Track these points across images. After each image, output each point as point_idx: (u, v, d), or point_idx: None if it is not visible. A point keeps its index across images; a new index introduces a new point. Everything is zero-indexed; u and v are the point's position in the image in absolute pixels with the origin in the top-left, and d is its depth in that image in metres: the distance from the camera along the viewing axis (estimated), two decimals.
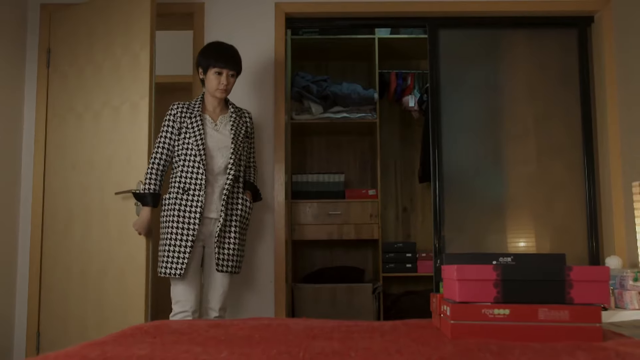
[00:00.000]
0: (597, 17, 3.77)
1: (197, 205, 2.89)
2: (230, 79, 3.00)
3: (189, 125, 2.96)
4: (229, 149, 2.98)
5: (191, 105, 3.02)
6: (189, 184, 2.91)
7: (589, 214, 3.74)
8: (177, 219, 2.88)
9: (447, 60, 3.84)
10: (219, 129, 3.02)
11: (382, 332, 1.67)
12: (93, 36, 3.60)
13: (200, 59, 3.02)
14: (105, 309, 3.47)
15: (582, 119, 3.79)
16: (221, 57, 2.97)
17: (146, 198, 2.98)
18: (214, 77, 2.97)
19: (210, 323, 1.90)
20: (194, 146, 2.92)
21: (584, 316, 1.48)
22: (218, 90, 2.98)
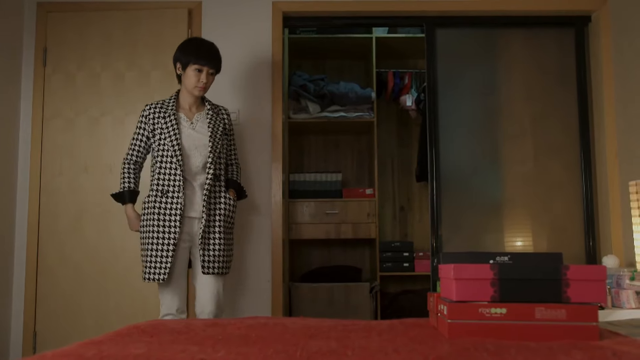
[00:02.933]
0: (594, 17, 3.78)
1: (176, 207, 2.82)
2: (210, 77, 2.95)
3: (162, 126, 2.90)
4: (206, 147, 2.92)
5: (165, 104, 2.96)
6: (167, 186, 2.85)
7: (586, 213, 3.74)
8: (157, 222, 2.82)
9: (444, 59, 3.84)
10: (195, 127, 2.95)
11: (379, 331, 1.67)
12: (109, 41, 3.67)
13: (179, 55, 2.95)
14: (110, 308, 3.47)
15: (579, 119, 3.80)
16: (202, 54, 2.90)
17: (124, 196, 2.96)
18: (193, 74, 2.90)
19: (207, 322, 1.89)
20: (169, 147, 2.86)
21: (581, 315, 1.48)
22: (196, 88, 2.92)
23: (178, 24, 3.65)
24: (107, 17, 3.67)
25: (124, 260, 3.52)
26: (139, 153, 2.98)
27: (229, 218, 2.96)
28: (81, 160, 3.59)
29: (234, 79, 3.66)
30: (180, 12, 3.66)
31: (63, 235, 3.54)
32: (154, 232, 2.81)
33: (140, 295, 3.49)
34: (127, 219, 3.00)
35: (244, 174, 3.60)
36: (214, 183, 2.92)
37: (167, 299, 2.86)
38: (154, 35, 3.65)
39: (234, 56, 3.68)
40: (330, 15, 3.79)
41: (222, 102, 3.64)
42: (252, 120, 3.64)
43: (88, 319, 3.48)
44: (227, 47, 3.68)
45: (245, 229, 3.57)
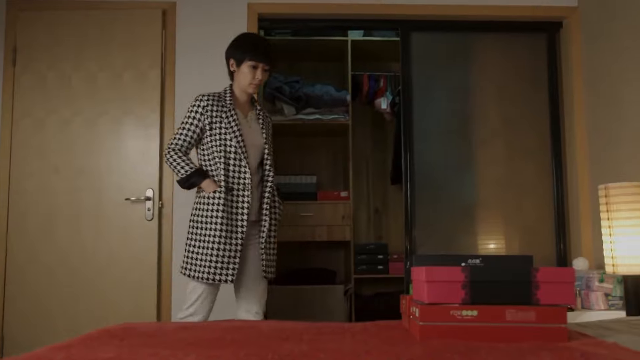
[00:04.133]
0: (565, 23, 3.84)
1: (243, 207, 2.74)
2: (264, 74, 2.84)
3: (224, 120, 2.77)
4: (259, 148, 2.85)
5: (222, 98, 2.84)
6: (232, 183, 2.74)
7: (557, 216, 3.80)
8: (223, 220, 2.69)
9: (419, 63, 3.87)
10: (250, 126, 2.87)
11: (352, 334, 1.68)
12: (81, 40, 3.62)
13: (233, 51, 2.85)
14: (81, 311, 3.42)
15: (551, 123, 3.86)
16: (258, 51, 2.80)
17: (197, 174, 2.74)
18: (248, 70, 2.80)
19: (179, 325, 1.88)
20: (232, 143, 2.75)
21: (550, 317, 1.50)
22: (251, 85, 2.82)
23: (152, 25, 3.62)
24: (80, 17, 3.62)
25: (96, 262, 3.47)
26: (189, 144, 2.81)
27: (279, 222, 2.94)
28: (52, 162, 3.54)
29: (209, 79, 3.64)
30: (154, 13, 3.63)
31: (33, 236, 3.49)
32: (221, 231, 2.69)
33: (112, 298, 3.45)
34: (208, 187, 2.74)
35: None
36: (274, 186, 2.89)
37: (199, 305, 2.75)
38: (127, 36, 3.61)
39: (209, 57, 3.66)
40: (305, 17, 3.80)
41: None
42: None
43: (58, 322, 3.42)
44: (201, 48, 3.66)
45: None
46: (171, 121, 3.60)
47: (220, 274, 2.70)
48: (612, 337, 1.58)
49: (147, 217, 3.51)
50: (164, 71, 3.63)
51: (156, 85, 3.59)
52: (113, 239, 3.50)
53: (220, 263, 2.70)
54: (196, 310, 2.76)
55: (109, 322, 3.16)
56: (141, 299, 3.46)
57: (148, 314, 3.44)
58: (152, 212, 3.51)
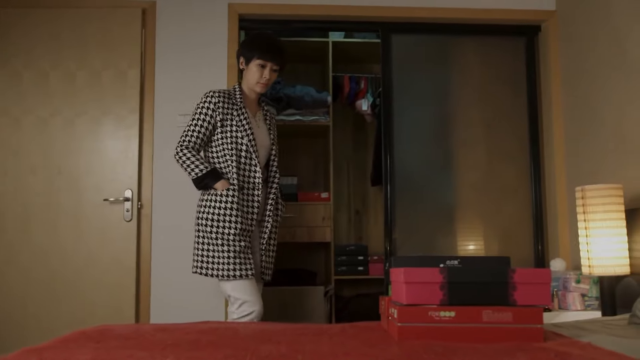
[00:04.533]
0: (544, 27, 3.89)
1: (253, 206, 2.75)
2: (273, 74, 2.84)
3: (235, 118, 2.76)
4: (267, 149, 2.86)
5: (232, 95, 2.83)
6: (243, 182, 2.74)
7: (535, 217, 3.84)
8: (236, 218, 2.69)
9: (399, 65, 3.88)
10: (259, 125, 2.87)
11: (331, 335, 1.68)
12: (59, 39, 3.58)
13: (243, 49, 2.86)
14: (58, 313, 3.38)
15: (529, 125, 3.89)
16: (267, 49, 2.79)
17: (213, 173, 2.71)
18: (256, 69, 2.80)
19: (157, 327, 1.86)
20: (244, 141, 2.74)
21: (527, 317, 1.51)
22: (259, 84, 2.82)
23: (131, 24, 3.59)
24: (57, 15, 3.58)
25: (74, 264, 3.43)
26: (201, 141, 2.78)
27: (278, 224, 2.94)
28: (28, 161, 3.49)
29: (189, 80, 3.62)
30: (134, 12, 3.60)
31: (9, 238, 3.43)
32: (235, 228, 2.68)
33: (90, 300, 3.41)
34: (221, 187, 2.71)
35: None
36: (279, 188, 2.89)
37: (251, 296, 2.71)
38: (106, 35, 3.57)
39: (189, 57, 3.64)
40: (286, 18, 3.79)
41: (175, 103, 3.60)
42: None
43: (34, 325, 3.38)
44: (181, 47, 3.64)
45: None
46: (151, 122, 3.57)
47: (240, 270, 2.67)
48: (587, 337, 1.60)
49: (125, 218, 3.48)
50: (144, 71, 3.60)
51: (135, 85, 3.56)
52: (91, 240, 3.46)
53: (239, 259, 2.68)
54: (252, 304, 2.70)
55: (86, 324, 3.11)
56: (119, 300, 3.43)
57: (126, 315, 3.41)
58: (131, 212, 3.48)
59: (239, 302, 2.72)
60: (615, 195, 2.75)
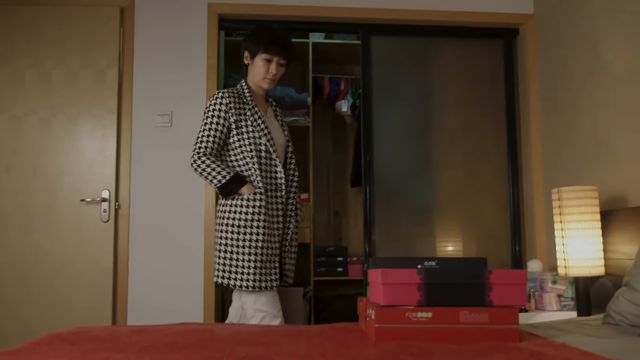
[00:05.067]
0: (521, 30, 3.92)
1: (278, 208, 2.61)
2: (279, 68, 2.69)
3: (249, 118, 2.61)
4: (283, 147, 2.73)
5: (241, 94, 2.68)
6: (267, 184, 2.59)
7: (513, 218, 3.87)
8: (265, 224, 2.54)
9: (379, 66, 3.89)
10: (272, 123, 2.72)
11: (309, 336, 1.67)
12: (35, 37, 3.52)
13: (248, 43, 2.70)
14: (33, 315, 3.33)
15: (507, 127, 3.93)
16: (273, 43, 2.64)
17: (237, 179, 2.55)
18: (262, 64, 2.66)
19: (133, 329, 1.85)
20: (263, 141, 2.59)
21: (503, 318, 1.53)
22: (265, 80, 2.68)
23: (109, 23, 3.55)
24: (33, 12, 3.53)
25: (49, 265, 3.39)
26: (218, 146, 2.61)
27: (299, 225, 2.80)
28: (3, 161, 3.44)
29: (167, 80, 3.60)
30: (112, 10, 3.57)
31: None
32: (263, 234, 2.53)
33: (66, 301, 3.37)
34: (247, 192, 2.56)
35: (178, 177, 3.54)
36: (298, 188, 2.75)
37: (276, 309, 2.58)
38: (84, 33, 3.54)
39: (168, 57, 3.61)
40: (266, 18, 3.78)
41: (154, 103, 3.57)
42: (185, 122, 3.58)
43: (8, 327, 3.32)
44: (160, 47, 3.61)
45: (178, 232, 3.51)
46: (129, 122, 3.54)
47: (265, 280, 2.52)
48: (562, 337, 1.62)
49: (103, 218, 3.45)
50: (122, 71, 3.57)
51: (113, 85, 3.52)
52: (67, 240, 3.42)
53: (265, 269, 2.52)
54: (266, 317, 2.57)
55: (63, 326, 3.09)
56: (96, 301, 3.39)
57: (103, 316, 3.38)
58: (108, 213, 3.45)
59: (261, 315, 2.56)
60: (591, 197, 2.78)
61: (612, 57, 3.01)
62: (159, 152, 3.55)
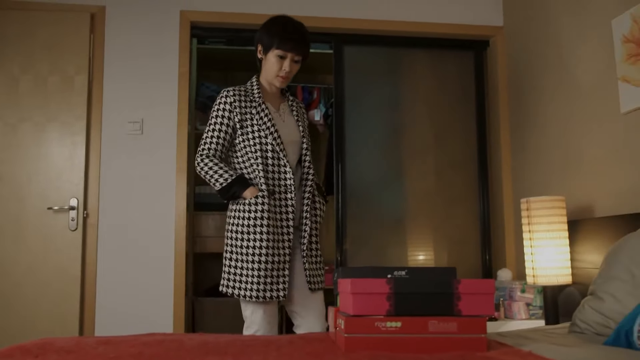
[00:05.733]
0: (491, 42, 3.98)
1: (288, 212, 2.43)
2: (294, 66, 2.50)
3: (254, 117, 2.44)
4: (297, 144, 2.53)
5: (249, 92, 2.51)
6: (273, 186, 2.42)
7: (483, 228, 3.91)
8: (269, 229, 2.37)
9: (351, 76, 3.91)
10: (284, 119, 2.54)
11: (278, 346, 1.66)
12: (2, 41, 3.46)
13: (261, 35, 2.50)
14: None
15: (477, 138, 3.98)
16: (287, 37, 2.44)
17: (239, 181, 2.41)
18: (275, 60, 2.46)
19: (100, 340, 1.81)
20: (268, 140, 2.42)
21: (471, 327, 1.53)
22: (278, 78, 2.49)
23: (80, 29, 3.51)
24: (3, 16, 3.47)
25: (15, 274, 3.31)
26: (222, 147, 2.47)
27: (320, 226, 2.59)
28: None
29: (139, 87, 3.56)
30: (82, 16, 3.52)
31: None
32: (267, 240, 2.37)
33: (32, 312, 3.30)
34: (250, 195, 2.41)
35: (148, 185, 3.50)
36: (315, 186, 2.56)
37: (263, 326, 2.44)
38: (53, 39, 3.48)
39: (139, 64, 3.58)
40: (239, 27, 3.78)
41: (124, 110, 3.54)
42: (156, 130, 3.55)
43: None
44: (131, 54, 3.58)
45: (147, 241, 3.47)
46: (98, 129, 3.49)
47: (270, 290, 2.36)
48: (529, 345, 1.63)
49: (70, 227, 3.39)
50: (92, 77, 3.52)
51: (83, 91, 3.48)
52: (34, 249, 3.35)
53: (270, 278, 2.36)
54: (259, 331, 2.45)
55: (27, 338, 3.02)
56: (63, 311, 3.32)
57: (70, 327, 3.31)
58: (76, 222, 3.39)
59: (255, 329, 2.45)
60: (558, 207, 2.83)
61: (580, 70, 3.07)
62: (129, 160, 3.51)
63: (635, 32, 2.62)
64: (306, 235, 2.48)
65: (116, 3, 3.59)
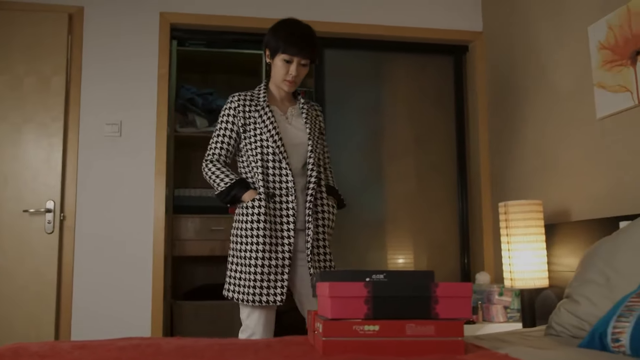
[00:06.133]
0: (471, 47, 4.02)
1: (288, 214, 2.40)
2: (302, 69, 2.48)
3: (257, 120, 2.45)
4: (304, 146, 2.49)
5: (255, 96, 2.52)
6: (273, 188, 2.41)
7: (462, 231, 3.94)
8: (265, 232, 2.36)
9: (332, 79, 3.92)
10: (291, 122, 2.52)
11: (256, 350, 1.65)
12: None
13: (269, 40, 2.49)
14: None
15: (457, 142, 4.01)
16: (292, 41, 2.42)
17: (236, 188, 2.41)
18: (281, 64, 2.45)
19: (75, 344, 1.79)
20: (269, 143, 2.41)
21: (448, 331, 1.54)
22: (285, 82, 2.48)
23: (57, 29, 3.46)
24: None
25: None
26: (227, 152, 2.49)
27: (331, 229, 2.54)
28: None
29: (117, 88, 3.53)
30: (60, 17, 3.48)
31: None
32: (263, 243, 2.36)
33: (7, 316, 3.24)
34: (248, 198, 2.41)
35: (127, 188, 3.47)
36: (318, 189, 2.50)
37: (258, 330, 2.43)
38: (29, 39, 3.44)
39: (118, 65, 3.55)
40: (220, 29, 3.76)
41: (102, 112, 3.50)
42: (135, 132, 3.52)
43: None
44: (110, 55, 3.55)
45: (125, 244, 3.43)
46: (76, 131, 3.45)
47: (267, 294, 2.35)
48: (506, 348, 1.65)
49: (47, 229, 3.34)
50: (69, 78, 3.49)
51: (60, 92, 3.43)
52: (9, 252, 3.30)
53: (267, 282, 2.35)
54: (254, 335, 2.44)
55: (2, 342, 2.97)
56: (39, 315, 3.28)
57: (45, 332, 3.26)
58: (52, 224, 3.35)
59: (249, 333, 2.44)
60: (536, 211, 2.86)
61: (557, 75, 3.11)
62: (107, 162, 3.48)
63: (610, 39, 2.66)
64: (309, 239, 2.43)
65: (95, 4, 3.56)
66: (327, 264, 2.49)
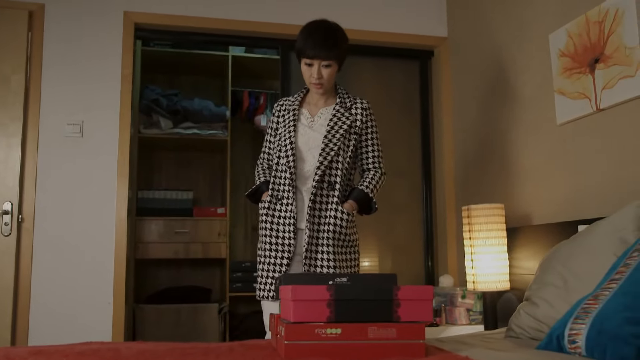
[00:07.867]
0: (436, 52, 4.06)
1: (288, 216, 2.46)
2: (324, 70, 2.46)
3: (282, 124, 2.57)
4: (315, 149, 2.50)
5: (294, 98, 2.62)
6: (281, 191, 2.49)
7: (426, 235, 3.98)
8: (271, 232, 2.49)
9: (298, 82, 3.91)
10: (314, 125, 2.53)
11: (218, 354, 1.64)
12: None
13: (296, 44, 2.51)
14: None
15: (422, 145, 4.04)
16: (310, 44, 2.43)
17: (260, 189, 2.63)
18: (305, 68, 2.48)
19: (31, 350, 1.74)
20: (287, 144, 2.49)
21: (410, 333, 1.55)
22: (312, 85, 2.50)
23: (16, 27, 3.38)
24: None
25: None
26: (270, 156, 2.65)
27: (340, 235, 2.47)
28: None
29: (79, 88, 3.46)
30: (19, 14, 3.39)
31: None
32: (269, 244, 2.49)
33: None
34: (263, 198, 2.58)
35: (88, 189, 3.40)
36: (321, 191, 2.46)
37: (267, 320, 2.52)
38: None
39: (80, 64, 3.48)
40: (186, 30, 3.72)
41: (65, 112, 3.43)
42: (97, 133, 3.46)
43: None
44: (72, 54, 3.48)
45: (86, 247, 3.37)
46: (35, 131, 3.37)
47: (263, 290, 2.49)
48: (466, 351, 1.66)
49: (4, 232, 3.26)
50: (29, 77, 3.40)
51: (19, 91, 3.35)
52: None
53: (265, 278, 2.48)
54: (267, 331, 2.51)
55: None
56: None
57: (1, 337, 3.17)
58: (10, 226, 3.26)
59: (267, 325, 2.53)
60: (498, 215, 2.90)
61: (519, 82, 3.16)
62: (68, 163, 3.41)
63: (570, 47, 2.72)
64: (305, 241, 2.42)
65: (56, 1, 3.49)
66: (324, 269, 2.43)
